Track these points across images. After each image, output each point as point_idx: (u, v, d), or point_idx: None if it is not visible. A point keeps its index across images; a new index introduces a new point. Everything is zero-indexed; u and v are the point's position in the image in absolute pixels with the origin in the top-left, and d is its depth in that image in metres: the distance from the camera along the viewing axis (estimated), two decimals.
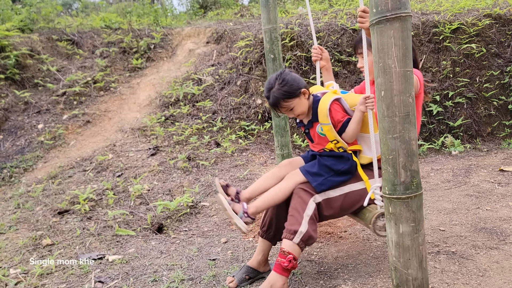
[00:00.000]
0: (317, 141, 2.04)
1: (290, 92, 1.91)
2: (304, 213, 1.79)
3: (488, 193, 3.27)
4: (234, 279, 2.05)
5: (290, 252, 1.78)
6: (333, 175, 1.91)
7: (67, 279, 2.29)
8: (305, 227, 1.78)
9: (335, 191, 1.89)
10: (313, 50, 2.30)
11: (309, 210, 1.80)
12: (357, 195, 1.91)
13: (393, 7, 1.34)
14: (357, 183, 1.94)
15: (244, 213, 1.88)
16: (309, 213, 1.80)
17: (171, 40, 7.40)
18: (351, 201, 1.91)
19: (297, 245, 1.78)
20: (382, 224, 1.79)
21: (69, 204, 3.54)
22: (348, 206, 1.92)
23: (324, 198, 1.86)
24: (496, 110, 5.41)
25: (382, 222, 1.79)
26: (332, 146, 1.96)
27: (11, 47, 6.19)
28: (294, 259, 1.78)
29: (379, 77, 1.42)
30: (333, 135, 1.94)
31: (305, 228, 1.78)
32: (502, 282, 1.89)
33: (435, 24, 5.72)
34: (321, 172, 1.90)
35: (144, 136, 5.07)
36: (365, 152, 1.99)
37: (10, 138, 5.24)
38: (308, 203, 1.81)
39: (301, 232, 1.77)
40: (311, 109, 2.00)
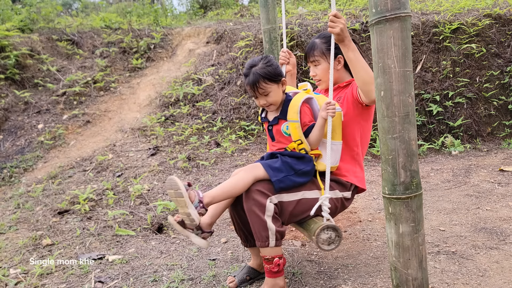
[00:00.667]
0: (278, 140, 1.97)
1: (274, 75, 1.86)
2: (265, 216, 1.73)
3: (488, 193, 3.27)
4: (235, 279, 2.05)
5: (273, 256, 1.77)
6: (294, 175, 1.82)
7: (67, 279, 2.29)
8: (272, 227, 1.73)
9: (289, 195, 1.81)
10: (281, 53, 2.24)
11: (269, 211, 1.73)
12: (308, 203, 1.83)
13: (392, 7, 1.34)
14: (311, 191, 1.86)
15: (200, 202, 1.71)
16: (270, 214, 1.73)
17: (171, 40, 7.40)
18: (302, 209, 1.83)
19: (275, 246, 1.76)
20: (326, 237, 1.71)
21: (69, 204, 3.54)
22: (298, 213, 1.84)
23: (279, 200, 1.78)
24: (496, 110, 5.41)
25: (326, 235, 1.70)
26: (294, 146, 1.89)
27: (11, 47, 6.19)
28: (280, 257, 1.79)
29: (379, 77, 1.42)
30: (298, 134, 1.87)
31: (273, 228, 1.73)
32: (502, 282, 1.89)
33: (435, 24, 5.72)
34: (282, 169, 1.81)
35: (144, 136, 5.07)
36: (323, 158, 1.91)
37: (10, 138, 5.24)
38: (266, 205, 1.73)
39: (271, 234, 1.74)
40: (281, 106, 1.95)
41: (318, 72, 2.06)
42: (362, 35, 5.70)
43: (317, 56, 2.03)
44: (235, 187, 1.76)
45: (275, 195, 1.77)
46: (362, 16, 6.21)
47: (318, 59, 2.04)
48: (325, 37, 2.04)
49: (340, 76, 2.07)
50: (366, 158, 4.73)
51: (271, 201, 1.75)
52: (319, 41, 2.04)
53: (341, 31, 1.72)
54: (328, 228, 1.71)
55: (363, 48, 5.62)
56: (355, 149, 2.02)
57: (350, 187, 1.99)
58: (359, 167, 2.04)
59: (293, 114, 1.88)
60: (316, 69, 2.07)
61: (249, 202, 1.75)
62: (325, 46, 2.00)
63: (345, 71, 2.08)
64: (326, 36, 2.04)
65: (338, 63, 2.04)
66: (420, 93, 5.38)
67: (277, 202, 1.77)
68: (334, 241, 1.73)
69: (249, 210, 1.75)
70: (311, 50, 2.05)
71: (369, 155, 4.84)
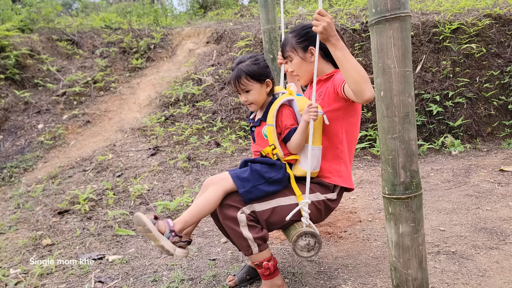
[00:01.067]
0: (257, 142, 1.94)
1: (257, 73, 1.84)
2: (240, 228, 1.70)
3: (488, 193, 3.27)
4: (234, 278, 2.06)
5: (261, 261, 1.76)
6: (264, 184, 1.75)
7: (67, 279, 2.29)
8: (249, 236, 1.70)
9: (261, 205, 1.75)
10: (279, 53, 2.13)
11: (242, 222, 1.70)
12: (285, 211, 1.76)
13: (392, 7, 1.34)
14: (286, 197, 1.80)
15: (171, 231, 1.65)
16: (244, 224, 1.70)
17: (171, 40, 7.40)
18: (279, 217, 1.77)
19: (259, 251, 1.74)
20: (304, 243, 1.67)
21: (69, 204, 3.54)
22: (276, 221, 1.78)
23: (251, 210, 1.73)
24: (496, 110, 5.41)
25: (304, 242, 1.67)
26: (269, 151, 1.84)
27: (11, 47, 6.19)
28: (268, 260, 1.77)
29: (379, 77, 1.42)
30: (272, 139, 1.83)
31: (250, 237, 1.70)
32: (502, 282, 1.89)
33: (435, 24, 5.72)
34: (250, 178, 1.74)
35: (144, 136, 5.07)
36: (301, 163, 1.83)
37: (10, 138, 5.24)
38: (238, 218, 1.70)
39: (251, 242, 1.72)
40: (265, 107, 1.92)
41: (294, 68, 1.99)
42: (362, 35, 5.70)
43: (289, 51, 1.96)
44: (206, 206, 1.71)
45: (246, 206, 1.72)
46: (362, 16, 6.21)
47: (290, 54, 1.97)
48: (295, 31, 1.96)
49: (319, 68, 1.92)
50: (366, 158, 4.73)
51: (243, 212, 1.71)
52: (290, 36, 1.97)
53: (324, 29, 1.59)
54: (306, 234, 1.66)
55: (363, 48, 5.62)
56: (339, 146, 1.91)
57: (333, 188, 1.92)
58: (343, 165, 1.93)
59: (270, 118, 1.84)
60: (292, 64, 2.00)
61: (222, 216, 1.74)
62: (295, 40, 1.93)
63: (325, 62, 1.94)
64: (296, 30, 1.96)
65: (311, 55, 1.93)
66: (420, 93, 5.38)
67: (250, 212, 1.73)
68: (314, 247, 1.68)
69: (224, 224, 1.74)
70: (283, 46, 1.99)
71: (369, 155, 4.84)
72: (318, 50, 1.72)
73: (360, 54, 5.58)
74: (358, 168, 4.41)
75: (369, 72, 5.49)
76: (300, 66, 1.96)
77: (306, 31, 1.92)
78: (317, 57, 1.71)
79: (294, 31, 1.96)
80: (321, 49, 1.83)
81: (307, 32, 1.91)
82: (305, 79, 2.00)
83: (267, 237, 1.78)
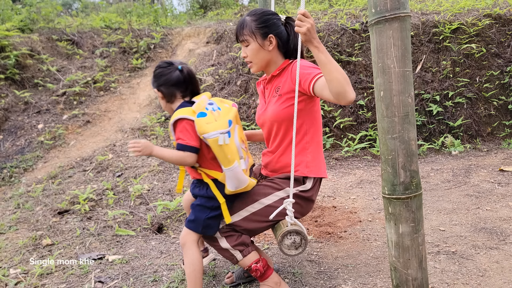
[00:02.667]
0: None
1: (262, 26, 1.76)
2: (218, 241, 1.75)
3: (488, 193, 3.27)
4: (232, 275, 2.08)
5: (248, 265, 1.77)
6: (211, 211, 1.73)
7: (67, 279, 2.29)
8: (227, 246, 1.74)
9: (232, 217, 1.76)
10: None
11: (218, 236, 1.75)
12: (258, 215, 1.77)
13: (392, 7, 1.34)
14: (255, 203, 1.78)
15: None
16: (220, 237, 1.75)
17: (171, 40, 7.40)
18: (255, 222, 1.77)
19: (243, 257, 1.76)
20: (289, 242, 1.67)
21: (69, 204, 3.54)
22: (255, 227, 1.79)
23: (223, 225, 1.76)
24: (496, 110, 5.41)
25: (289, 241, 1.67)
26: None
27: (11, 47, 6.19)
28: (256, 262, 1.78)
29: (378, 77, 1.42)
30: None
31: (228, 246, 1.74)
32: (502, 282, 1.89)
33: (435, 24, 5.72)
34: (197, 216, 1.73)
35: (144, 136, 5.07)
36: (227, 183, 1.71)
37: (10, 138, 5.24)
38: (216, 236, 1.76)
39: (232, 251, 1.75)
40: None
41: (248, 53, 1.82)
42: (362, 35, 5.70)
43: (246, 35, 1.79)
44: (196, 268, 1.74)
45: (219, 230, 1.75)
46: (362, 16, 6.21)
47: (247, 39, 1.79)
48: (255, 14, 1.80)
49: (273, 58, 1.83)
50: (366, 158, 4.73)
51: (219, 231, 1.76)
52: (249, 19, 1.80)
53: (308, 31, 1.54)
54: (290, 233, 1.66)
55: (363, 48, 5.62)
56: (304, 138, 1.83)
57: (304, 180, 1.83)
58: (310, 155, 1.84)
59: (171, 133, 1.76)
60: (246, 49, 1.82)
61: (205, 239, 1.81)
62: (255, 25, 1.78)
63: (278, 52, 1.84)
64: (256, 14, 1.80)
65: (269, 43, 1.80)
66: (420, 93, 5.38)
67: (222, 226, 1.75)
68: (301, 244, 1.69)
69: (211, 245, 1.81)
70: (240, 28, 1.81)
71: (369, 155, 4.84)
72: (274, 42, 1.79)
73: (360, 54, 5.58)
74: (358, 168, 4.41)
75: (370, 72, 5.50)
76: (257, 53, 1.81)
77: (267, 17, 1.80)
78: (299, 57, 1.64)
79: (254, 15, 1.81)
80: (279, 38, 1.81)
81: (268, 18, 1.79)
82: (258, 67, 1.86)
83: (247, 241, 1.78)
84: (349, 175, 4.19)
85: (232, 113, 1.76)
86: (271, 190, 1.80)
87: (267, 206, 1.77)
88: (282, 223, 1.76)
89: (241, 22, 1.82)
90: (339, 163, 4.62)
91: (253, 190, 1.81)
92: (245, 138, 1.88)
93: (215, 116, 1.69)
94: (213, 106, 1.74)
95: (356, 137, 5.05)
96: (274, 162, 1.90)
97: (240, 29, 1.81)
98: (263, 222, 1.77)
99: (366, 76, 5.49)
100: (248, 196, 1.80)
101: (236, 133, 1.73)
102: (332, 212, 3.14)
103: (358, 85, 5.44)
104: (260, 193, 1.80)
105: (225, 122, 1.68)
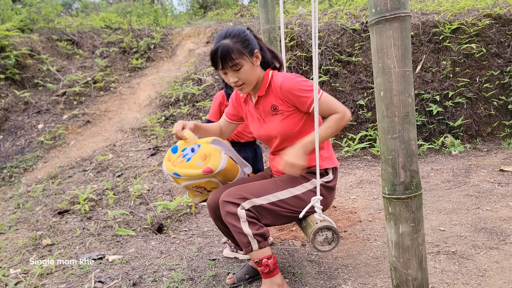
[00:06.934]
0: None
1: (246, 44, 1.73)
2: (240, 224, 1.73)
3: (488, 193, 3.27)
4: (233, 276, 2.08)
5: (261, 258, 1.77)
6: None
7: (67, 279, 2.29)
8: (249, 232, 1.72)
9: (261, 199, 1.76)
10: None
11: (242, 218, 1.72)
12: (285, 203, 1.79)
13: (392, 7, 1.34)
14: (283, 191, 1.81)
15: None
16: (244, 220, 1.73)
17: (171, 40, 7.40)
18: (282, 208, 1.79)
19: (259, 248, 1.76)
20: (322, 238, 1.69)
21: (69, 204, 3.54)
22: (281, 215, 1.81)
23: (251, 205, 1.74)
24: (496, 110, 5.41)
25: (321, 237, 1.69)
26: None
27: (11, 47, 6.19)
28: (268, 258, 1.78)
29: (379, 77, 1.42)
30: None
31: (250, 233, 1.72)
32: (502, 282, 1.89)
33: (435, 24, 5.72)
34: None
35: (144, 136, 5.07)
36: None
37: (10, 138, 5.24)
38: (238, 213, 1.72)
39: (251, 238, 1.74)
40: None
41: (241, 76, 1.76)
42: (362, 35, 5.70)
43: (237, 58, 1.71)
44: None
45: (246, 201, 1.74)
46: (362, 16, 6.21)
47: (239, 62, 1.72)
48: (234, 35, 1.73)
49: (257, 73, 1.82)
50: (366, 158, 4.73)
51: (242, 207, 1.73)
52: (230, 42, 1.71)
53: (300, 169, 1.71)
54: (322, 229, 1.69)
55: (363, 48, 5.62)
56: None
57: (326, 171, 1.91)
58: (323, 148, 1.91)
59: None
60: (237, 73, 1.75)
61: (223, 213, 1.76)
62: (240, 45, 1.72)
63: (259, 67, 1.85)
64: (234, 34, 1.74)
65: (256, 59, 1.79)
66: (420, 93, 5.38)
67: (249, 207, 1.75)
68: (334, 239, 1.72)
69: (226, 220, 1.77)
70: (226, 54, 1.69)
71: (369, 155, 4.84)
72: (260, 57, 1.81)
73: (360, 54, 5.58)
74: (358, 168, 4.41)
75: (370, 72, 5.50)
76: (251, 73, 1.77)
77: (245, 33, 1.76)
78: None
79: (234, 36, 1.73)
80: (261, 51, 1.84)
81: (246, 34, 1.77)
82: (250, 87, 1.83)
83: (268, 235, 1.79)
84: (349, 175, 4.19)
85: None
86: (298, 181, 1.84)
87: (294, 196, 1.80)
88: (310, 220, 1.78)
89: (223, 48, 1.69)
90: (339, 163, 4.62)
91: (281, 178, 1.85)
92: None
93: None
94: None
95: (356, 137, 5.05)
96: None
97: (227, 55, 1.69)
98: (288, 211, 1.80)
99: (366, 76, 5.49)
100: (276, 182, 1.83)
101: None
102: (332, 212, 3.14)
103: (358, 85, 5.44)
104: (288, 182, 1.83)
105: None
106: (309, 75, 5.44)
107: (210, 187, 1.95)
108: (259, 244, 1.75)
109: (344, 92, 5.41)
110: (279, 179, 1.86)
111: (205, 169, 1.79)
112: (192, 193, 2.01)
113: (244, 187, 1.79)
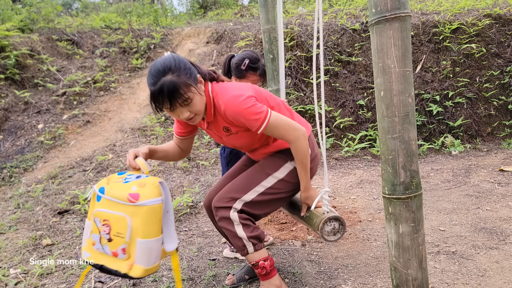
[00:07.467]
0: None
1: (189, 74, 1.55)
2: (234, 227, 1.72)
3: (488, 193, 3.27)
4: (233, 277, 2.07)
5: (257, 261, 1.77)
6: None
7: (67, 279, 2.29)
8: (243, 235, 1.72)
9: (250, 194, 1.74)
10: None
11: (236, 221, 1.71)
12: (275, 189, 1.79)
13: (392, 7, 1.34)
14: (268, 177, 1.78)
15: None
16: (237, 223, 1.72)
17: (171, 40, 7.40)
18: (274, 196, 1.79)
19: (255, 251, 1.75)
20: (329, 229, 1.73)
21: (69, 204, 3.54)
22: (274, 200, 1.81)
23: (242, 203, 1.73)
24: (496, 110, 5.41)
25: (329, 227, 1.73)
26: None
27: (11, 47, 6.19)
28: (265, 259, 1.78)
29: (379, 77, 1.42)
30: None
31: (244, 236, 1.72)
32: (502, 282, 1.89)
33: (435, 24, 5.72)
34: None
35: (144, 136, 5.07)
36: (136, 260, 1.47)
37: (10, 138, 5.24)
38: (231, 217, 1.71)
39: (246, 241, 1.73)
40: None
41: (193, 109, 1.59)
42: (362, 35, 5.70)
43: (187, 93, 1.53)
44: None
45: (236, 201, 1.73)
46: (362, 16, 6.21)
47: (189, 96, 1.54)
48: (176, 68, 1.53)
49: (204, 99, 1.67)
50: (366, 158, 4.73)
51: (235, 209, 1.72)
52: (173, 77, 1.51)
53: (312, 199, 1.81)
54: (330, 219, 1.73)
55: (363, 48, 5.62)
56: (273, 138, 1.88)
57: None
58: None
59: None
60: (188, 107, 1.57)
61: (217, 218, 1.76)
62: (185, 77, 1.54)
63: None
64: (172, 66, 1.53)
65: (200, 84, 1.65)
66: (420, 93, 5.38)
67: (241, 207, 1.73)
68: (339, 230, 1.76)
69: (221, 226, 1.77)
70: (173, 92, 1.50)
71: (369, 155, 4.84)
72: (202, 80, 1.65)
73: (360, 54, 5.58)
74: (358, 168, 4.41)
75: (370, 72, 5.50)
76: (201, 101, 1.61)
77: (182, 62, 1.57)
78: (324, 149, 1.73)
79: (176, 70, 1.52)
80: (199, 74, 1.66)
81: (186, 64, 1.58)
82: (201, 116, 1.66)
83: (262, 237, 1.79)
84: (349, 175, 4.19)
85: None
86: (277, 163, 1.82)
87: (280, 180, 1.80)
88: (317, 211, 1.81)
89: (169, 85, 1.49)
90: (339, 163, 4.62)
91: (259, 166, 1.83)
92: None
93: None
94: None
95: (356, 137, 5.05)
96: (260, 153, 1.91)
97: (175, 92, 1.50)
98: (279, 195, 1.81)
99: (366, 76, 5.49)
100: (259, 171, 1.82)
101: None
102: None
103: (358, 85, 5.44)
104: (270, 167, 1.82)
105: None
106: (309, 74, 5.45)
107: (115, 231, 1.48)
108: (254, 246, 1.75)
109: (344, 92, 5.42)
110: (260, 166, 1.83)
111: (132, 194, 1.46)
112: (89, 241, 1.61)
113: (231, 187, 1.78)
